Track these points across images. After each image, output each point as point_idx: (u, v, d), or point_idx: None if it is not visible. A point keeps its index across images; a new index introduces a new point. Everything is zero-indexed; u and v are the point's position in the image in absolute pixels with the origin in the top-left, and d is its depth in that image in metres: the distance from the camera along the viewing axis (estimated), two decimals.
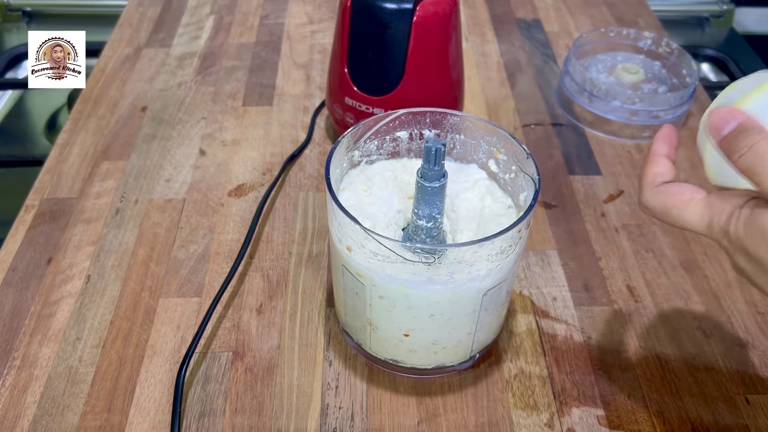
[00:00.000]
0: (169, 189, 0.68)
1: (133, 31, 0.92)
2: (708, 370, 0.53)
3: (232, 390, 0.51)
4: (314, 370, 0.52)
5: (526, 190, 0.49)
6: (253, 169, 0.71)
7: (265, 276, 0.60)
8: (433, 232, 0.48)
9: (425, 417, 0.50)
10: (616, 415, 0.50)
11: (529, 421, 0.49)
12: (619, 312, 0.57)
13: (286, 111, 0.78)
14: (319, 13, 0.97)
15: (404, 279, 0.45)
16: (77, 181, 0.69)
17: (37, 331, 0.55)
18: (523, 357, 0.54)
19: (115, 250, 0.61)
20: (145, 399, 0.50)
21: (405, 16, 0.62)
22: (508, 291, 0.51)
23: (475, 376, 0.52)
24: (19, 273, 0.59)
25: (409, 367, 0.52)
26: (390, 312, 0.48)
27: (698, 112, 0.79)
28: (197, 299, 0.57)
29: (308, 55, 0.88)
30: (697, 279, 0.60)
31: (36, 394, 0.50)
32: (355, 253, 0.46)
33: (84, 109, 0.78)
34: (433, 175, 0.45)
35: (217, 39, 0.91)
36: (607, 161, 0.73)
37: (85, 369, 0.52)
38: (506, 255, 0.45)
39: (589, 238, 0.64)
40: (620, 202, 0.68)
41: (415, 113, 0.52)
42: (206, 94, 0.81)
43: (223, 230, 0.64)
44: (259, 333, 0.55)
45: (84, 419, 0.49)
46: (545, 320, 0.56)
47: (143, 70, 0.85)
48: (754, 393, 0.52)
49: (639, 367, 0.53)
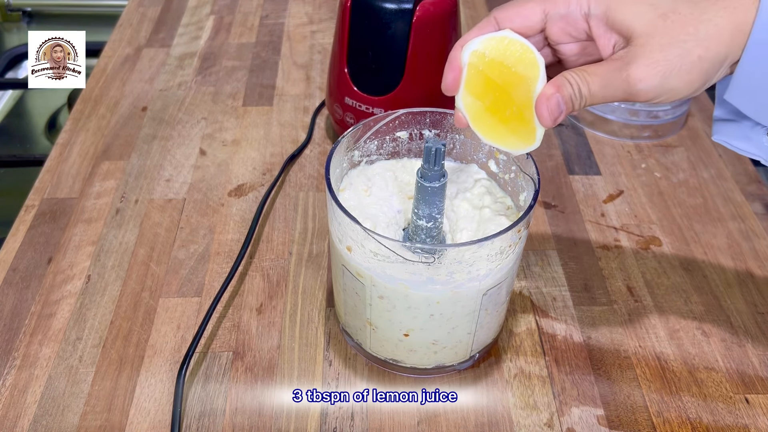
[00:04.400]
0: (170, 189, 0.68)
1: (133, 31, 0.92)
2: (708, 370, 0.53)
3: (232, 390, 0.51)
4: (314, 370, 0.52)
5: (526, 190, 0.49)
6: (253, 169, 0.71)
7: (265, 276, 0.60)
8: (433, 232, 0.48)
9: (425, 417, 0.50)
10: (615, 415, 0.50)
11: (529, 420, 0.49)
12: (619, 312, 0.57)
13: (286, 111, 0.79)
14: (319, 13, 0.97)
15: (404, 279, 0.45)
16: (77, 181, 0.69)
17: (37, 330, 0.55)
18: (523, 357, 0.54)
19: (115, 250, 0.61)
20: (145, 399, 0.50)
21: (405, 16, 0.62)
22: (508, 291, 0.51)
23: (475, 376, 0.53)
24: (20, 273, 0.59)
25: (409, 367, 0.52)
26: (390, 312, 0.48)
27: (698, 112, 0.79)
28: (197, 299, 0.57)
29: (308, 55, 0.88)
30: (697, 279, 0.60)
31: (36, 394, 0.51)
32: (355, 253, 0.46)
33: (84, 109, 0.78)
34: (433, 175, 0.45)
35: (217, 39, 0.91)
36: (606, 161, 0.73)
37: (85, 369, 0.52)
38: (506, 255, 0.45)
39: (589, 238, 0.64)
40: (620, 202, 0.68)
41: (415, 113, 0.52)
42: (206, 94, 0.81)
43: (223, 230, 0.64)
44: (259, 333, 0.55)
45: (84, 419, 0.49)
46: (545, 320, 0.56)
47: (143, 70, 0.85)
48: (754, 393, 0.52)
49: (639, 367, 0.53)
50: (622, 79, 0.38)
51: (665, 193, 0.69)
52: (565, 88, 0.39)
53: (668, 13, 0.37)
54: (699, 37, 0.37)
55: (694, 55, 0.37)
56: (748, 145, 0.41)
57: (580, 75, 0.39)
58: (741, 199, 0.68)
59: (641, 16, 0.38)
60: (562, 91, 0.39)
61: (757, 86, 0.37)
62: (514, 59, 0.41)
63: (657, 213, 0.66)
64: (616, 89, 0.39)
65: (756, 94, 0.38)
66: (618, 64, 0.38)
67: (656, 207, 0.67)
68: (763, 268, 0.61)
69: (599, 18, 0.39)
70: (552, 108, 0.39)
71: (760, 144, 0.40)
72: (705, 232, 0.64)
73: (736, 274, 0.60)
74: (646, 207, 0.67)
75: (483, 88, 0.42)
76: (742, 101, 0.38)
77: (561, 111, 0.40)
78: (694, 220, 0.66)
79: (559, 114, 0.40)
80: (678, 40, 0.37)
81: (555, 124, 0.40)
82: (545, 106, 0.39)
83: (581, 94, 0.39)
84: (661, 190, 0.69)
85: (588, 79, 0.39)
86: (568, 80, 0.39)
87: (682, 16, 0.37)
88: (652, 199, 0.68)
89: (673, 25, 0.37)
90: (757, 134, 0.40)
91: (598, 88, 0.39)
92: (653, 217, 0.66)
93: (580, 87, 0.39)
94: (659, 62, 0.37)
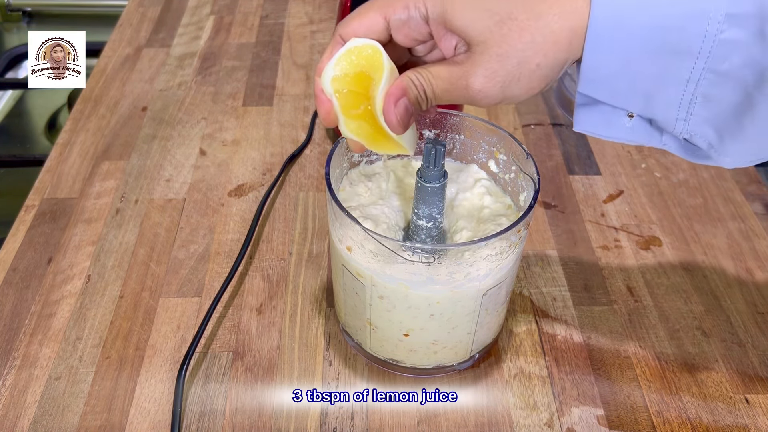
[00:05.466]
0: (170, 189, 0.68)
1: (133, 31, 0.92)
2: (708, 370, 0.53)
3: (232, 390, 0.51)
4: (314, 370, 0.52)
5: (526, 190, 0.49)
6: (253, 169, 0.71)
7: (265, 276, 0.60)
8: (433, 232, 0.48)
9: (425, 417, 0.50)
10: (615, 415, 0.50)
11: (529, 420, 0.49)
12: (619, 312, 0.57)
13: (286, 111, 0.79)
14: (319, 13, 0.97)
15: (404, 279, 0.45)
16: (77, 181, 0.69)
17: (37, 330, 0.55)
18: (523, 357, 0.54)
19: (115, 250, 0.61)
20: (145, 399, 0.50)
21: None
22: (508, 291, 0.51)
23: (475, 376, 0.53)
24: (20, 273, 0.59)
25: (409, 367, 0.52)
26: (390, 312, 0.48)
27: None
28: (197, 299, 0.57)
29: (308, 55, 0.88)
30: (697, 279, 0.60)
31: (36, 394, 0.51)
32: (355, 253, 0.46)
33: (84, 109, 0.78)
34: (433, 175, 0.45)
35: (217, 39, 0.91)
36: (606, 161, 0.73)
37: (85, 369, 0.52)
38: (506, 255, 0.45)
39: (589, 238, 0.64)
40: (620, 202, 0.68)
41: None
42: (206, 94, 0.81)
43: (223, 230, 0.64)
44: (259, 333, 0.55)
45: (84, 419, 0.49)
46: (545, 320, 0.56)
47: (143, 70, 0.85)
48: (754, 393, 0.52)
49: (639, 367, 0.53)
50: (463, 86, 0.38)
51: (665, 193, 0.69)
52: (411, 91, 0.39)
53: (505, 20, 0.36)
54: (536, 44, 0.36)
55: (533, 63, 0.37)
56: (611, 130, 0.41)
57: (424, 76, 0.39)
58: (741, 199, 0.68)
59: (477, 22, 0.37)
60: (408, 94, 0.39)
61: (606, 78, 0.37)
62: (369, 64, 0.40)
63: (657, 213, 0.66)
64: (458, 95, 0.38)
65: (606, 85, 0.37)
66: (459, 71, 0.38)
67: (656, 207, 0.67)
68: (763, 268, 0.61)
69: (437, 21, 0.38)
70: (401, 114, 0.39)
71: (622, 126, 0.40)
72: (705, 232, 0.64)
73: (736, 274, 0.60)
74: (646, 207, 0.67)
75: (358, 105, 0.41)
76: (597, 92, 0.38)
77: (410, 115, 0.39)
78: (694, 220, 0.66)
79: (408, 118, 0.40)
80: (516, 50, 0.36)
81: (404, 130, 0.40)
82: (393, 113, 0.39)
83: (426, 95, 0.39)
84: (661, 190, 0.69)
85: (432, 81, 0.39)
86: (412, 81, 0.39)
87: (518, 23, 0.36)
88: (652, 199, 0.68)
89: (510, 33, 0.36)
90: (617, 117, 0.40)
91: (442, 91, 0.39)
92: (653, 217, 0.66)
93: (425, 88, 0.39)
94: (498, 73, 0.37)
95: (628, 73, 0.36)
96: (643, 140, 0.40)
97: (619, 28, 0.35)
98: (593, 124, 0.41)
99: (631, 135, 0.40)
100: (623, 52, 0.36)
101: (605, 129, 0.41)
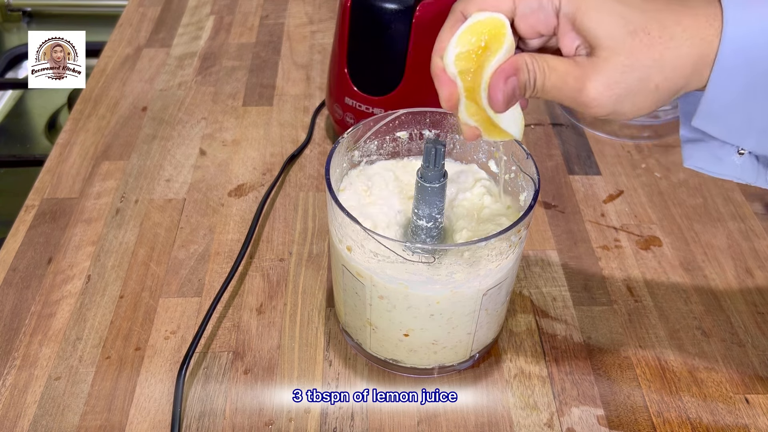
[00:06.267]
0: (170, 189, 0.68)
1: (133, 31, 0.92)
2: (708, 370, 0.53)
3: (232, 390, 0.51)
4: (314, 370, 0.52)
5: (526, 190, 0.49)
6: (253, 169, 0.71)
7: (265, 276, 0.60)
8: (433, 232, 0.48)
9: (425, 417, 0.50)
10: (615, 415, 0.50)
11: (529, 421, 0.49)
12: (619, 312, 0.57)
13: (286, 111, 0.79)
14: (319, 13, 0.97)
15: (404, 279, 0.45)
16: (77, 181, 0.69)
17: (37, 330, 0.55)
18: (523, 357, 0.54)
19: (115, 250, 0.61)
20: (145, 399, 0.50)
21: (405, 16, 0.62)
22: (508, 291, 0.51)
23: (475, 376, 0.53)
24: (20, 273, 0.59)
25: (409, 367, 0.52)
26: (390, 312, 0.48)
27: None
28: (197, 299, 0.57)
29: (308, 55, 0.88)
30: (697, 279, 0.60)
31: (36, 394, 0.51)
32: (355, 253, 0.46)
33: (84, 109, 0.78)
34: (433, 175, 0.45)
35: (217, 39, 0.91)
36: (606, 161, 0.73)
37: (85, 369, 0.52)
38: (506, 255, 0.45)
39: (589, 238, 0.64)
40: (620, 202, 0.68)
41: (415, 113, 0.52)
42: (206, 94, 0.81)
43: (223, 230, 0.64)
44: (259, 333, 0.55)
45: (84, 419, 0.49)
46: (545, 320, 0.56)
47: (143, 70, 0.85)
48: (754, 393, 0.52)
49: (639, 366, 0.53)
50: (577, 89, 0.36)
51: (665, 193, 0.69)
52: (523, 73, 0.37)
53: (638, 31, 0.35)
54: (662, 65, 0.35)
55: (653, 83, 0.36)
56: (721, 167, 0.40)
57: (540, 64, 0.37)
58: (741, 199, 0.68)
59: (610, 28, 0.36)
60: (519, 75, 0.37)
61: (723, 112, 0.37)
62: (491, 38, 0.38)
63: (657, 213, 0.66)
64: (567, 95, 0.37)
65: (723, 119, 0.37)
66: (577, 72, 0.36)
67: (656, 207, 0.67)
68: (763, 268, 0.61)
69: (567, 17, 0.37)
70: (508, 92, 0.37)
71: (732, 164, 0.40)
72: (705, 232, 0.64)
73: (736, 274, 0.60)
74: (646, 207, 0.67)
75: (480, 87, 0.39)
76: (711, 126, 0.37)
77: (515, 96, 0.37)
78: (694, 220, 0.66)
79: (512, 99, 0.37)
80: (642, 64, 0.35)
81: (505, 109, 0.38)
82: (500, 89, 0.37)
83: (535, 84, 0.37)
84: (661, 190, 0.69)
85: (546, 71, 0.37)
86: (527, 65, 0.37)
87: (650, 38, 0.35)
88: (652, 199, 0.68)
89: (640, 46, 0.35)
90: (727, 154, 0.39)
91: (552, 85, 0.37)
92: (653, 217, 0.66)
93: (536, 76, 0.37)
94: (618, 84, 0.36)
95: (746, 109, 0.36)
96: (751, 179, 0.40)
97: (745, 65, 0.34)
98: (703, 161, 0.40)
99: (740, 173, 0.40)
100: (745, 87, 0.35)
101: (715, 166, 0.40)
